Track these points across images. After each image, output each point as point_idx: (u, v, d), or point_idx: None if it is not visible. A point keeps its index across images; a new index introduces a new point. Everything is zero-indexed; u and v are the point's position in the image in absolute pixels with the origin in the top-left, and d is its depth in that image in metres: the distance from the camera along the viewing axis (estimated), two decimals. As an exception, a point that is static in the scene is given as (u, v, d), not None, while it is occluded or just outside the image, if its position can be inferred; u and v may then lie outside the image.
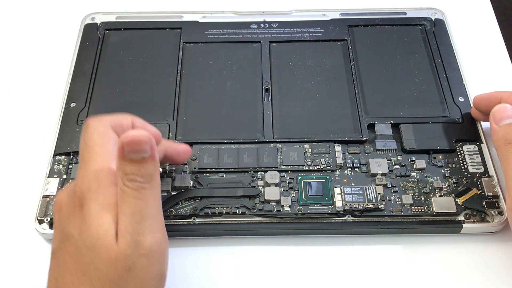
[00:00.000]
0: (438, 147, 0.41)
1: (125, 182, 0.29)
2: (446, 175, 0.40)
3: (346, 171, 0.40)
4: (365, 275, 0.37)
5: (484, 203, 0.38)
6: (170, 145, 0.37)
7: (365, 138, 0.42)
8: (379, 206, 0.38)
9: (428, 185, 0.39)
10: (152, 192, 0.29)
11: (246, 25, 0.50)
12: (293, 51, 0.48)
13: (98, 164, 0.30)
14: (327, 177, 0.40)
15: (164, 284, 0.31)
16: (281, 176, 0.40)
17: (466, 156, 0.41)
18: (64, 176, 0.40)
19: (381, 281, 0.37)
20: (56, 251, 0.30)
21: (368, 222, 0.38)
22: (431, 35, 0.49)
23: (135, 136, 0.28)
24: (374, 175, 0.40)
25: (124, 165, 0.29)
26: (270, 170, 0.40)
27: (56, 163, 0.41)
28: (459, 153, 0.41)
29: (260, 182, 0.39)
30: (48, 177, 0.40)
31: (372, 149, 0.41)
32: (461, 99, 0.44)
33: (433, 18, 0.50)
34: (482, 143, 0.42)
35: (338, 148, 0.41)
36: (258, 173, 0.40)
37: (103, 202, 0.29)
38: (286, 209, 0.38)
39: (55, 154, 0.41)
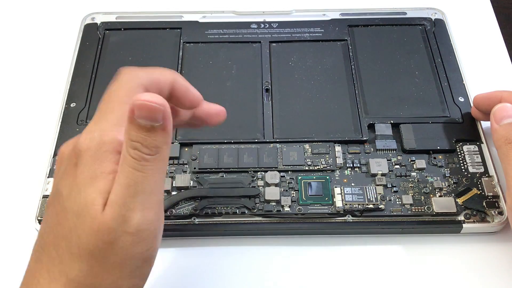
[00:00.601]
0: (438, 147, 0.41)
1: (128, 149, 0.26)
2: (446, 175, 0.40)
3: (346, 171, 0.40)
4: (365, 275, 0.37)
5: (484, 203, 0.38)
6: (205, 107, 0.33)
7: (365, 138, 0.42)
8: (379, 206, 0.38)
9: (428, 185, 0.39)
10: (154, 166, 0.27)
11: (246, 25, 0.50)
12: (293, 51, 0.48)
13: (109, 123, 0.28)
14: (327, 177, 0.40)
15: (150, 267, 0.29)
16: (281, 176, 0.40)
17: (466, 156, 0.41)
18: (64, 176, 0.40)
19: (381, 281, 0.37)
20: (48, 206, 0.29)
21: (368, 222, 0.38)
22: (431, 35, 0.49)
23: (147, 100, 0.25)
24: (374, 175, 0.40)
25: (131, 130, 0.26)
26: (270, 170, 0.40)
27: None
28: (459, 153, 0.41)
29: (260, 182, 0.39)
30: (48, 177, 0.40)
31: (372, 149, 0.41)
32: (461, 99, 0.44)
33: (433, 18, 0.50)
34: (482, 143, 0.42)
35: (338, 148, 0.41)
36: (258, 173, 0.40)
37: (97, 167, 0.26)
38: (286, 209, 0.38)
39: (55, 154, 0.41)
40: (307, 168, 0.40)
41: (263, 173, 0.40)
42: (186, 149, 0.41)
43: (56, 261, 0.27)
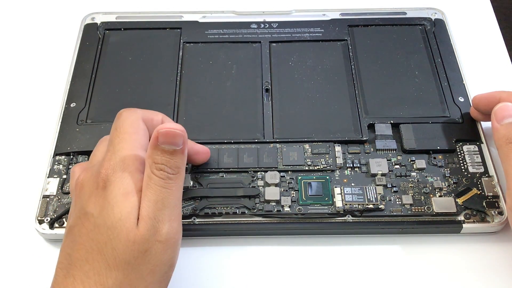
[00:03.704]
0: (438, 147, 0.41)
1: (153, 171, 0.30)
2: (446, 175, 0.40)
3: (346, 171, 0.40)
4: (365, 275, 0.37)
5: (484, 203, 0.38)
6: (190, 145, 0.38)
7: (365, 138, 0.42)
8: (379, 206, 0.38)
9: (428, 185, 0.39)
10: (176, 183, 0.31)
11: (246, 25, 0.50)
12: (293, 51, 0.48)
13: (126, 150, 0.32)
14: (327, 177, 0.40)
15: (172, 273, 0.32)
16: (281, 176, 0.40)
17: (466, 156, 0.41)
18: (64, 176, 0.40)
19: (381, 281, 0.37)
20: (72, 228, 0.31)
21: (368, 222, 0.38)
22: (431, 35, 0.49)
23: (171, 128, 0.30)
24: (374, 175, 0.40)
25: (155, 154, 0.31)
26: (270, 170, 0.40)
27: (56, 163, 0.41)
28: (459, 153, 0.41)
29: (260, 182, 0.39)
30: (48, 177, 0.40)
31: (372, 149, 0.41)
32: (461, 99, 0.44)
33: (433, 18, 0.50)
34: (482, 143, 0.42)
35: (338, 148, 0.41)
36: (258, 173, 0.40)
37: (128, 186, 0.30)
38: (286, 209, 0.38)
39: (55, 154, 0.41)
40: (307, 168, 0.40)
41: (263, 173, 0.40)
42: (186, 149, 0.41)
43: (91, 273, 0.29)
